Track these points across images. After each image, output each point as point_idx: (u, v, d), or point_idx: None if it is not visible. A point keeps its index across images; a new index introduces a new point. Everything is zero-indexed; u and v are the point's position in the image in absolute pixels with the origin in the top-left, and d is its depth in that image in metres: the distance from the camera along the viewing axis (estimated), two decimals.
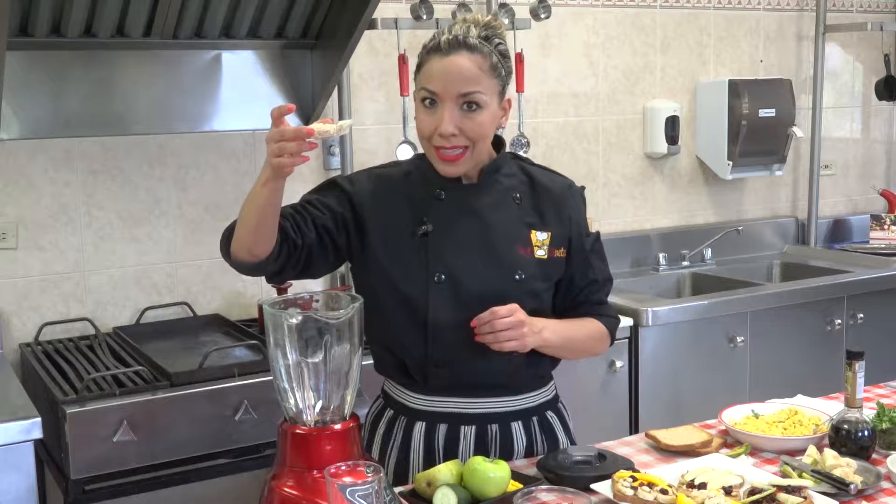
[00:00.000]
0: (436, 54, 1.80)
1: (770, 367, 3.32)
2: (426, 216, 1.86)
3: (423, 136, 1.84)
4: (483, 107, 1.80)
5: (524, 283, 1.87)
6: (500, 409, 1.91)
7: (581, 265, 1.97)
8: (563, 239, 1.94)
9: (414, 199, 1.89)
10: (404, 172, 1.94)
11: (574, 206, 1.99)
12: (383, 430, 1.96)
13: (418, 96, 1.83)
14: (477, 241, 1.87)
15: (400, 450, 1.92)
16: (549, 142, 3.65)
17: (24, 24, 2.64)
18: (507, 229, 1.89)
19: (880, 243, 4.14)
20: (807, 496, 1.63)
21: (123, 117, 2.90)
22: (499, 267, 1.87)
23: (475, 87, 1.78)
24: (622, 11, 3.74)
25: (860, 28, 4.10)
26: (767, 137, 3.88)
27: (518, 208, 1.91)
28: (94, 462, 2.33)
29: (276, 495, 1.57)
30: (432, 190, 1.89)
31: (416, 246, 1.85)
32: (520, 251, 1.88)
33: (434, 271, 1.84)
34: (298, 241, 1.81)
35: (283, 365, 1.57)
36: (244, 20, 2.87)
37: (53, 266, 2.88)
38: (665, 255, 3.81)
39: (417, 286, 1.84)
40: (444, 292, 1.84)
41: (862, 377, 1.87)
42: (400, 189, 1.91)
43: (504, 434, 1.91)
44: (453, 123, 1.78)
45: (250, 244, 1.76)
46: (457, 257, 1.85)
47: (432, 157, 1.85)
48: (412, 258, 1.85)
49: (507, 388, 1.91)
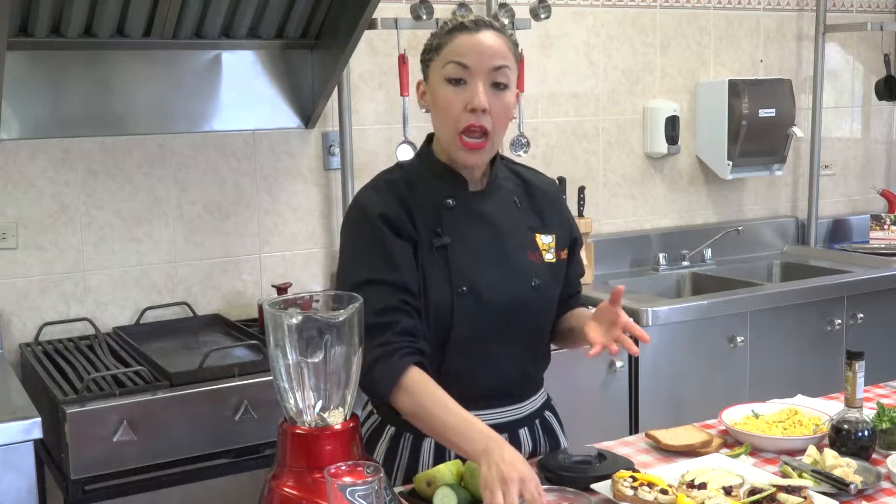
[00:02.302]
0: (462, 32, 1.75)
1: (770, 367, 3.32)
2: (440, 227, 1.81)
3: (450, 117, 1.75)
4: (509, 87, 1.77)
5: (540, 289, 1.87)
6: (510, 417, 1.90)
7: (573, 261, 2.00)
8: (566, 241, 1.95)
9: (425, 207, 1.82)
10: (405, 179, 1.86)
11: (564, 204, 2.03)
12: (385, 447, 1.88)
13: (443, 74, 1.75)
14: (492, 250, 1.84)
15: (408, 468, 1.85)
16: (549, 142, 3.65)
17: (24, 24, 2.65)
18: (517, 236, 1.88)
19: (880, 243, 4.14)
20: (807, 496, 1.62)
21: (123, 117, 2.91)
22: (515, 276, 1.84)
23: (505, 61, 1.75)
24: (622, 11, 3.74)
25: (860, 28, 4.10)
26: (767, 137, 3.88)
27: (520, 212, 1.91)
28: (94, 462, 2.33)
29: (276, 495, 1.57)
30: (441, 197, 1.83)
31: (436, 259, 1.80)
32: (531, 257, 1.87)
33: (458, 285, 1.79)
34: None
35: (283, 365, 1.57)
36: (244, 20, 2.87)
37: (53, 266, 2.88)
38: (665, 255, 3.81)
39: (441, 299, 1.79)
40: (467, 305, 1.79)
41: (862, 377, 1.87)
42: (409, 196, 1.82)
43: (513, 442, 1.87)
44: (486, 99, 1.73)
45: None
46: (476, 269, 1.81)
47: (454, 146, 1.77)
48: (435, 271, 1.79)
49: (512, 396, 1.91)
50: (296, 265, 3.22)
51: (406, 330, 1.73)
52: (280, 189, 3.18)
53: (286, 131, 3.17)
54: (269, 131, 3.14)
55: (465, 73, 1.74)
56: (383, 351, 1.71)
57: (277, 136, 3.16)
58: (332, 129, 3.22)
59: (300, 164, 3.20)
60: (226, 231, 3.11)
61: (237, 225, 3.12)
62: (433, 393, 1.69)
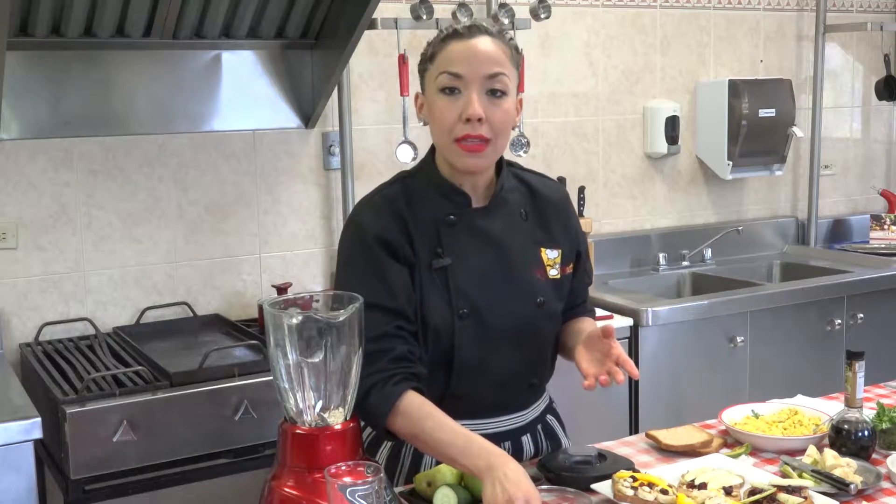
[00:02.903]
0: (455, 39, 1.71)
1: (770, 367, 3.32)
2: (440, 246, 1.76)
3: (444, 127, 1.71)
4: (507, 94, 1.71)
5: (545, 307, 1.84)
6: (513, 425, 1.89)
7: (580, 272, 1.97)
8: (571, 255, 1.92)
9: (424, 225, 1.77)
10: (403, 193, 1.80)
11: (572, 213, 1.97)
12: (385, 457, 1.87)
13: (437, 85, 1.71)
14: (495, 269, 1.80)
15: (407, 479, 1.82)
16: (549, 142, 3.65)
17: (24, 24, 2.64)
18: (523, 253, 1.83)
19: (880, 243, 4.14)
20: (807, 496, 1.62)
21: (123, 117, 2.91)
22: (519, 295, 1.81)
23: (501, 68, 1.70)
24: (622, 11, 3.74)
25: (860, 28, 4.10)
26: (767, 137, 3.88)
27: (526, 226, 1.85)
28: (94, 462, 2.33)
29: (276, 495, 1.56)
30: (442, 214, 1.78)
31: (436, 280, 1.76)
32: (536, 274, 1.83)
33: (458, 308, 1.76)
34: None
35: (283, 365, 1.57)
36: (244, 20, 2.87)
37: (53, 266, 2.88)
38: (665, 255, 3.81)
39: (443, 322, 1.76)
40: (468, 329, 1.76)
41: (862, 377, 1.87)
42: (408, 214, 1.77)
43: (516, 448, 1.89)
44: (481, 107, 1.68)
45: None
46: (478, 290, 1.77)
47: (453, 153, 1.73)
48: (435, 293, 1.76)
49: (516, 407, 1.90)
50: (296, 265, 3.22)
51: (401, 356, 1.71)
52: (280, 189, 3.18)
53: (286, 131, 3.17)
54: (269, 131, 3.14)
55: (458, 82, 1.69)
56: (378, 378, 1.69)
57: (277, 136, 3.16)
58: (332, 129, 3.22)
59: (300, 164, 3.20)
60: (226, 231, 3.11)
61: (237, 225, 3.12)
62: (431, 414, 1.67)
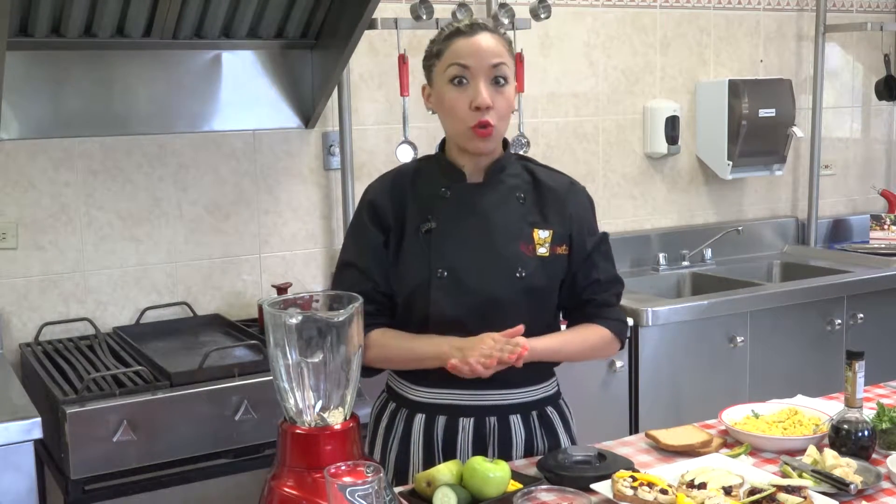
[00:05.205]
0: (459, 36, 1.88)
1: (770, 367, 3.32)
2: (431, 214, 1.92)
3: (458, 114, 1.88)
4: (509, 82, 1.89)
5: (525, 280, 1.89)
6: (499, 401, 1.93)
7: (584, 264, 1.98)
8: (564, 236, 1.95)
9: (421, 197, 1.95)
10: (414, 170, 2.02)
11: (576, 203, 1.99)
12: (386, 422, 2.00)
13: (446, 76, 1.88)
14: (479, 238, 1.91)
15: (401, 442, 1.96)
16: (549, 142, 3.65)
17: (24, 24, 2.65)
18: (510, 227, 1.92)
19: (880, 243, 4.14)
20: (807, 496, 1.63)
21: (123, 117, 2.91)
22: (500, 264, 1.90)
23: (502, 58, 1.88)
24: (622, 11, 3.74)
25: (860, 28, 4.10)
26: (767, 137, 3.88)
27: (521, 207, 1.95)
28: (94, 462, 2.33)
29: (276, 495, 1.57)
30: (438, 188, 1.94)
31: (420, 242, 1.91)
32: (521, 248, 1.91)
33: (436, 267, 1.89)
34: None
35: (283, 365, 1.57)
36: (244, 20, 2.87)
37: (53, 266, 2.88)
38: (665, 255, 3.81)
39: (420, 281, 1.89)
40: (445, 288, 1.88)
41: (862, 377, 1.87)
42: (410, 187, 1.97)
43: (502, 427, 1.92)
44: (489, 95, 1.85)
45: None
46: (458, 254, 1.90)
47: (467, 136, 1.88)
48: (417, 254, 1.91)
49: (505, 381, 1.91)
50: (296, 265, 3.22)
51: (367, 312, 1.83)
52: (280, 189, 3.18)
53: (286, 131, 3.17)
54: (269, 131, 3.14)
55: (466, 72, 1.87)
56: None
57: (277, 136, 3.16)
58: (332, 129, 3.22)
59: (300, 164, 3.20)
60: (226, 231, 3.11)
61: (237, 225, 3.12)
62: (395, 335, 1.92)
